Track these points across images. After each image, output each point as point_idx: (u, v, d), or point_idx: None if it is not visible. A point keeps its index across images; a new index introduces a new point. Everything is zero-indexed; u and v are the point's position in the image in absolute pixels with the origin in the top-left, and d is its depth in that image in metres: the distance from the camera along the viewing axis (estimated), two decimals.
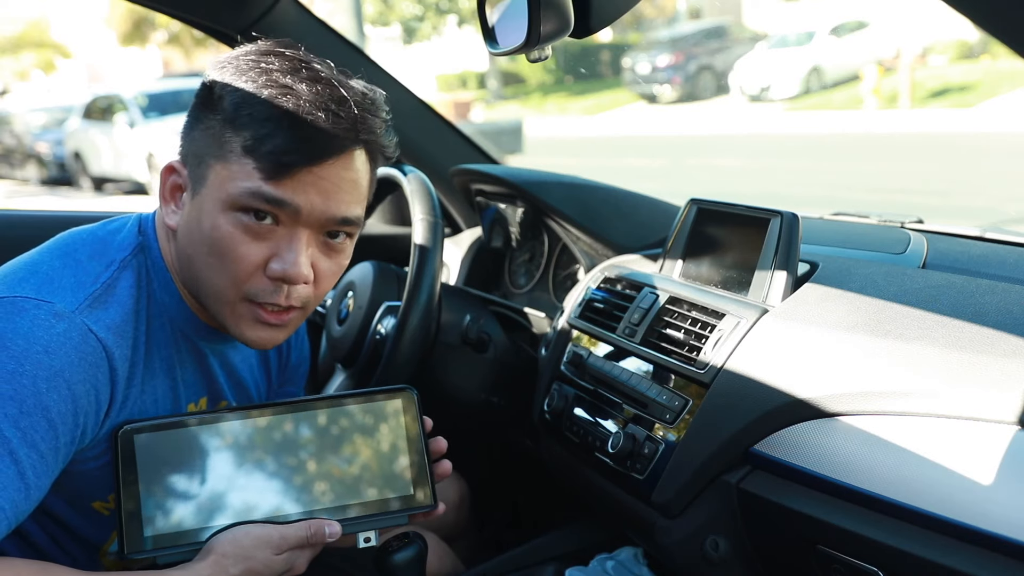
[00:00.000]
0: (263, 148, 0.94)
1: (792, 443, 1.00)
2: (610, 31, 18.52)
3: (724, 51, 17.02)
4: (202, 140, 0.99)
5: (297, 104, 0.95)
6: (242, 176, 0.95)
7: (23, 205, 11.75)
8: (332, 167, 0.98)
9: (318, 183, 0.97)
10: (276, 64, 0.98)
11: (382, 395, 1.07)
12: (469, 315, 1.49)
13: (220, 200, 0.96)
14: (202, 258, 0.98)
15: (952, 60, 15.14)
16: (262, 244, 0.98)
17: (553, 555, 1.44)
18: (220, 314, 1.01)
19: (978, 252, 1.27)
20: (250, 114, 0.95)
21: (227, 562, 0.94)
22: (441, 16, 22.03)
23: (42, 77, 27.75)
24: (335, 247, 1.03)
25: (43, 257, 1.00)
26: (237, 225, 0.96)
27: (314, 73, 0.98)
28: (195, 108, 1.02)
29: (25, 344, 0.89)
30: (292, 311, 1.02)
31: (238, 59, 1.00)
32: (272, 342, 1.04)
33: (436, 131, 1.97)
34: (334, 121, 0.96)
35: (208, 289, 1.00)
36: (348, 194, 1.00)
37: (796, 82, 15.09)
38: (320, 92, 0.96)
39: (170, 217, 1.03)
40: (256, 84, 0.96)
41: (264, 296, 0.99)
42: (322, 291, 1.05)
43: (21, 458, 0.86)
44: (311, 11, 1.78)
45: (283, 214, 0.97)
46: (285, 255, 0.98)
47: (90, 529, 1.06)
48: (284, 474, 1.01)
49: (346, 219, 1.01)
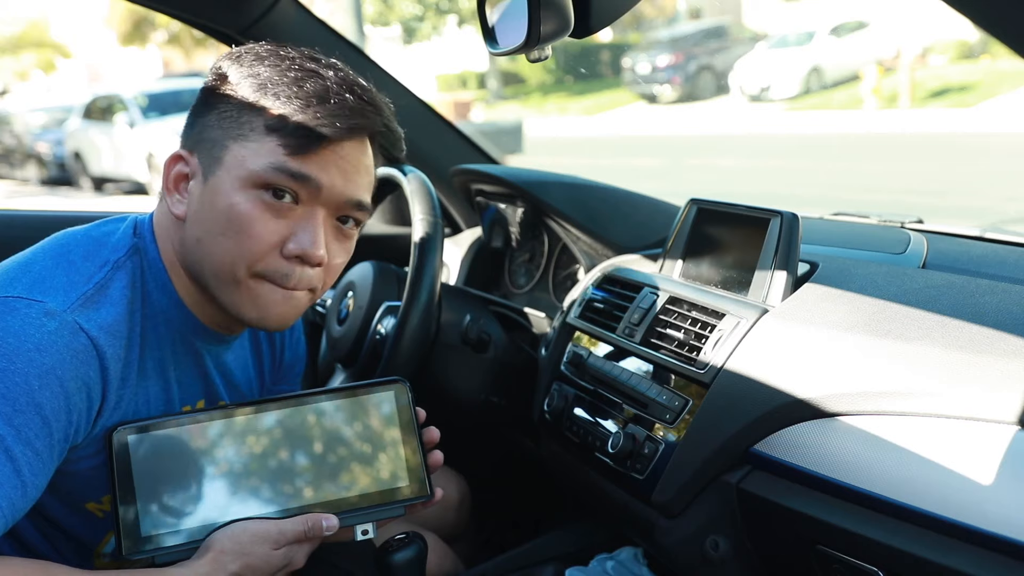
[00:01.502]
0: (289, 124, 0.96)
1: (792, 443, 1.00)
2: (610, 31, 18.51)
3: (724, 51, 17.02)
4: (216, 125, 1.00)
5: (325, 85, 0.98)
6: (264, 153, 0.97)
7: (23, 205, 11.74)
8: (354, 149, 1.01)
9: (339, 162, 1.00)
10: (295, 54, 1.02)
11: (375, 387, 1.08)
12: (469, 315, 1.49)
13: (239, 178, 0.97)
14: (214, 239, 0.99)
15: (952, 60, 15.14)
16: (280, 222, 0.99)
17: (553, 555, 1.43)
18: (230, 297, 1.01)
19: (978, 252, 1.27)
20: (275, 93, 0.98)
21: (226, 559, 0.94)
22: (441, 16, 22.03)
23: (42, 77, 27.74)
24: (346, 232, 1.05)
25: (36, 257, 1.00)
26: (256, 202, 0.97)
27: (331, 63, 1.03)
28: (206, 96, 1.03)
29: (16, 342, 0.89)
30: (301, 291, 1.03)
31: (254, 49, 1.03)
32: (285, 322, 1.04)
33: (436, 131, 1.97)
34: (359, 102, 0.99)
35: (218, 269, 1.00)
36: (363, 178, 1.03)
37: (796, 82, 15.09)
38: (343, 77, 1.01)
39: (176, 206, 1.03)
40: (279, 68, 0.99)
41: (276, 276, 1.00)
42: (331, 277, 1.06)
43: (16, 455, 0.86)
44: (311, 11, 1.78)
45: (304, 191, 0.98)
46: (302, 235, 0.99)
47: (84, 530, 1.06)
48: (279, 469, 1.01)
49: (360, 203, 1.04)
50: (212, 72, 1.03)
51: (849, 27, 15.77)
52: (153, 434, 0.99)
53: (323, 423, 1.05)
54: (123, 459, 0.97)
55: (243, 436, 1.02)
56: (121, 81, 20.79)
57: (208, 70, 1.05)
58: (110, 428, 0.97)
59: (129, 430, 0.98)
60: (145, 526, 0.96)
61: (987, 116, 11.78)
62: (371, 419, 1.06)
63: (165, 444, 0.99)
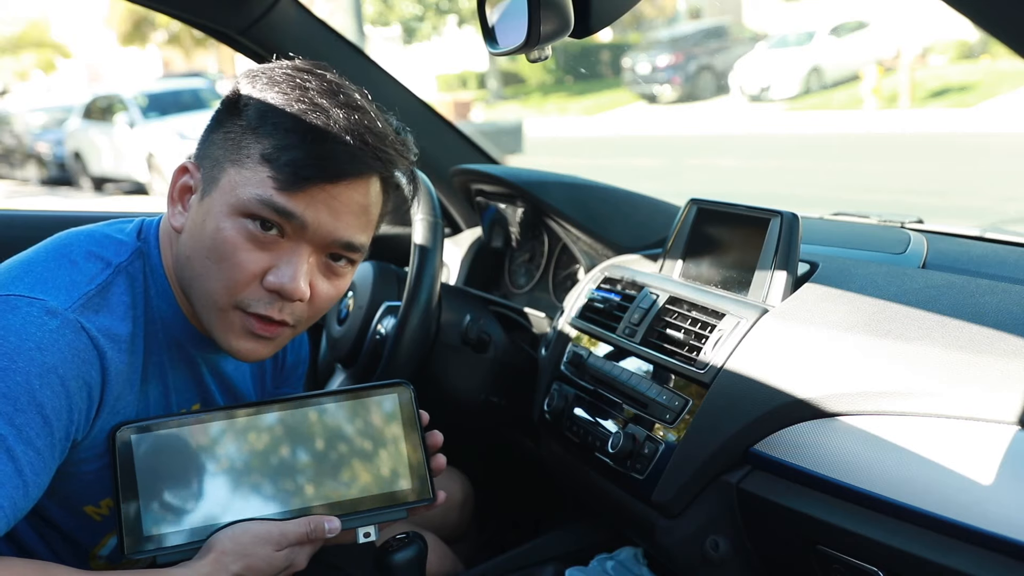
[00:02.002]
0: (282, 158, 0.94)
1: (792, 443, 1.00)
2: (610, 31, 18.52)
3: (724, 51, 17.01)
4: (221, 144, 0.99)
5: (326, 123, 0.95)
6: (255, 183, 0.95)
7: (23, 205, 11.75)
8: (347, 189, 0.97)
9: (329, 202, 0.96)
10: (313, 84, 0.98)
11: (379, 390, 1.08)
12: (469, 315, 1.49)
13: (229, 204, 0.96)
14: (201, 260, 0.98)
15: (952, 60, 15.14)
16: (263, 254, 0.97)
17: (553, 555, 1.43)
18: (209, 321, 1.00)
19: (978, 252, 1.27)
20: (275, 123, 0.95)
21: (227, 559, 0.94)
22: (441, 16, 22.02)
23: (42, 77, 27.75)
24: (336, 270, 1.03)
25: (38, 256, 0.99)
26: (241, 231, 0.96)
27: (350, 99, 0.98)
28: (219, 113, 1.02)
29: (18, 341, 0.89)
30: (283, 326, 1.01)
31: (272, 70, 1.00)
32: (256, 356, 1.02)
33: (436, 131, 1.97)
34: (359, 146, 0.96)
35: (201, 293, 0.99)
36: (357, 219, 1.00)
37: (796, 82, 15.09)
38: (351, 118, 0.96)
39: (176, 218, 1.02)
40: (288, 97, 0.96)
41: (257, 306, 0.98)
42: (316, 312, 1.04)
43: (18, 455, 0.86)
44: (311, 11, 1.78)
45: (289, 227, 0.96)
46: (284, 268, 0.97)
47: (81, 533, 1.06)
48: (283, 470, 1.01)
49: (350, 244, 1.00)
50: (232, 87, 1.02)
51: (849, 27, 15.76)
52: (156, 433, 0.99)
53: (326, 424, 1.04)
54: (126, 457, 0.97)
55: (247, 437, 1.01)
56: (121, 81, 20.79)
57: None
58: (113, 427, 0.97)
59: (132, 429, 0.98)
60: (147, 525, 0.96)
61: (987, 116, 11.77)
62: (374, 421, 1.06)
63: (168, 443, 0.99)
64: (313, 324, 1.04)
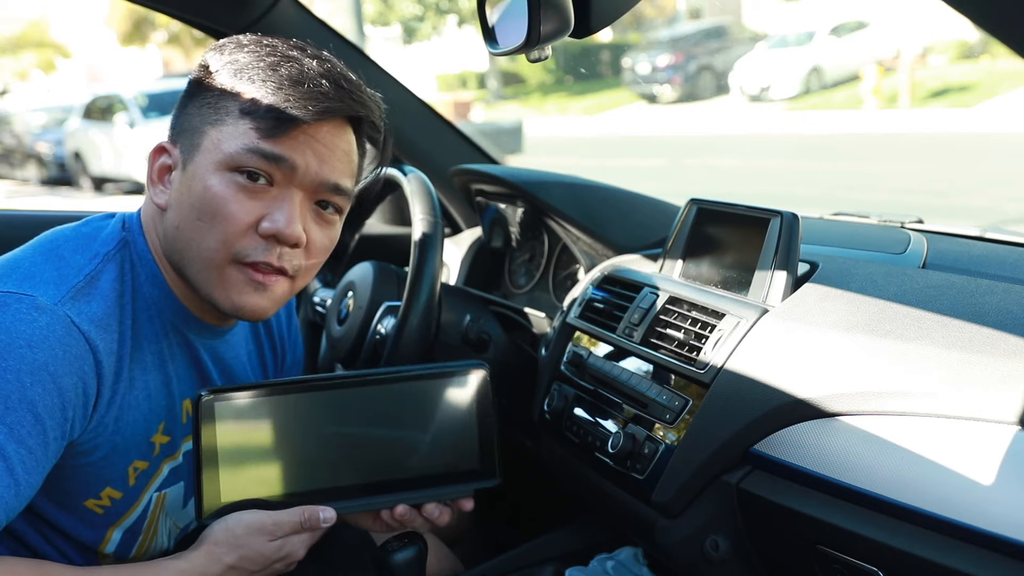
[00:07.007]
0: (261, 108, 0.97)
1: (792, 443, 1.00)
2: (610, 31, 18.51)
3: (724, 51, 17.02)
4: (196, 114, 1.01)
5: (300, 71, 0.98)
6: (238, 135, 0.97)
7: (23, 205, 11.74)
8: (328, 132, 1.00)
9: (313, 144, 0.99)
10: (278, 42, 1.03)
11: (456, 371, 1.10)
12: (469, 315, 1.49)
13: (214, 161, 0.98)
14: (192, 224, 0.98)
15: (952, 60, 15.14)
16: (255, 203, 0.98)
17: (553, 555, 1.43)
18: (208, 283, 1.00)
19: (978, 252, 1.27)
20: (250, 78, 0.98)
21: (220, 551, 0.95)
22: (441, 16, 22.03)
23: (42, 77, 27.73)
24: (326, 217, 1.05)
25: (25, 254, 1.00)
26: (230, 184, 0.97)
27: (318, 53, 1.03)
28: (190, 88, 1.04)
29: (7, 339, 0.89)
30: (282, 275, 1.01)
31: (237, 39, 1.03)
32: (260, 310, 1.02)
33: (436, 131, 1.97)
34: (335, 88, 0.99)
35: (197, 255, 0.99)
36: (340, 162, 1.03)
37: (796, 82, 15.09)
38: (324, 66, 1.01)
39: (158, 196, 1.03)
40: (258, 54, 1.00)
41: (255, 254, 0.99)
42: (313, 263, 1.05)
43: (9, 454, 0.86)
44: (311, 11, 1.78)
45: (278, 172, 0.98)
46: (277, 214, 0.98)
47: (83, 529, 1.04)
48: (356, 445, 1.04)
49: (338, 186, 1.03)
50: (197, 65, 1.04)
51: (849, 27, 15.77)
52: (238, 402, 1.01)
53: (403, 403, 1.07)
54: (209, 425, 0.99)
55: (323, 411, 1.04)
56: (121, 81, 20.80)
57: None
58: (197, 393, 0.99)
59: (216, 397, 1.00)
60: (225, 493, 0.99)
61: (987, 116, 11.78)
62: (449, 402, 1.09)
63: (249, 412, 1.01)
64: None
